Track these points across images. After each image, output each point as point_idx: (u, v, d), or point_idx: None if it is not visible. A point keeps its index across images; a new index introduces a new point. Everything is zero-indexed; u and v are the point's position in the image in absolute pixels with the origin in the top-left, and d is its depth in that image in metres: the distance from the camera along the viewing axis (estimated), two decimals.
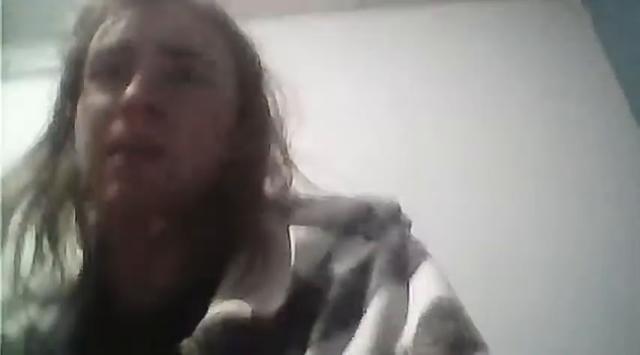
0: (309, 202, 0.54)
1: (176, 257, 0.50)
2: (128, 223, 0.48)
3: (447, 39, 1.65)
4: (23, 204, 0.51)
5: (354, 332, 0.42)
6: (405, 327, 0.43)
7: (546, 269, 1.30)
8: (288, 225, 0.50)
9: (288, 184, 0.56)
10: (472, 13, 1.67)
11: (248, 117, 0.54)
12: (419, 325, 0.42)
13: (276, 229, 0.50)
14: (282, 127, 0.57)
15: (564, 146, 1.46)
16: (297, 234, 0.49)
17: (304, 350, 0.42)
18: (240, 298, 0.43)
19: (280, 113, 0.57)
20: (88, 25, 0.53)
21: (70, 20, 0.54)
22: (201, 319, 0.42)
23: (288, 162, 0.57)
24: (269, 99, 0.57)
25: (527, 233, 1.35)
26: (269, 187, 0.54)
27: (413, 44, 1.66)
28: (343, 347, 0.42)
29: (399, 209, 0.53)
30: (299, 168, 0.57)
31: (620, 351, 1.18)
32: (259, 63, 0.57)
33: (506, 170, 1.44)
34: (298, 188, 0.56)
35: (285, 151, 0.57)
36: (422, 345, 0.41)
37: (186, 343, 0.41)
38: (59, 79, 0.54)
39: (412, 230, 0.53)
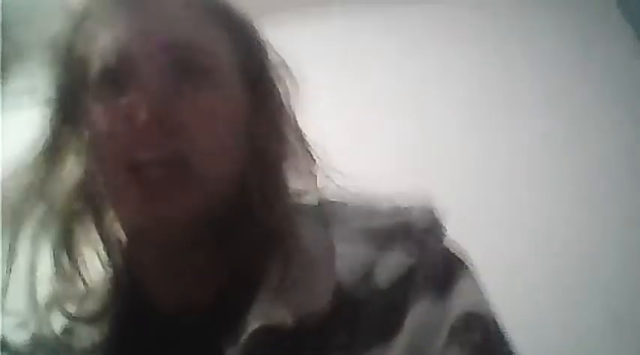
0: (345, 210, 0.53)
1: (211, 266, 0.49)
2: (159, 240, 0.48)
3: (462, 26, 1.63)
4: (34, 217, 0.50)
5: (392, 345, 0.43)
6: (438, 341, 0.43)
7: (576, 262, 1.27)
8: (330, 236, 0.50)
9: (311, 174, 0.54)
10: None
11: (259, 108, 0.52)
12: (447, 337, 0.43)
13: (314, 236, 0.49)
14: (294, 115, 0.55)
15: (586, 137, 1.42)
16: (338, 248, 0.49)
17: None
18: (282, 305, 0.44)
19: (291, 101, 0.55)
20: (81, 35, 0.50)
21: (58, 26, 0.52)
22: (240, 323, 0.43)
23: (306, 149, 0.55)
24: (278, 88, 0.55)
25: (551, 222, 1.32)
26: (293, 178, 0.53)
27: (425, 34, 1.64)
28: None
29: (436, 217, 0.51)
30: (319, 156, 0.55)
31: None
32: (264, 51, 0.55)
33: (526, 160, 1.41)
34: (323, 180, 0.54)
35: (301, 138, 0.55)
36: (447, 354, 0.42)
37: (230, 353, 0.42)
38: (55, 92, 0.51)
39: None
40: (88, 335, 0.49)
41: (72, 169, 0.51)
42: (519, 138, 1.45)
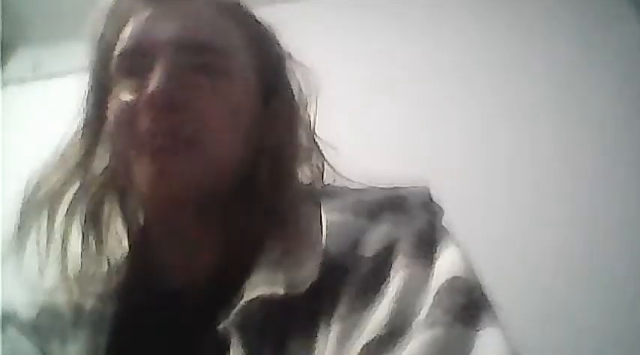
0: (342, 190, 0.56)
1: (215, 241, 0.52)
2: (167, 213, 0.52)
3: (464, 15, 1.59)
4: (67, 198, 0.54)
5: (376, 308, 0.44)
6: (422, 305, 0.44)
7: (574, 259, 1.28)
8: (321, 210, 0.52)
9: (320, 170, 0.58)
10: None
11: (272, 105, 0.56)
12: (432, 300, 0.43)
13: (309, 214, 0.52)
14: (306, 112, 0.59)
15: (588, 132, 1.41)
16: (329, 218, 0.50)
17: (330, 324, 0.44)
18: (274, 278, 0.46)
19: (303, 98, 0.59)
20: (112, 23, 0.54)
21: (96, 20, 0.56)
22: (237, 298, 0.45)
23: (316, 147, 0.59)
24: (292, 84, 0.59)
25: (554, 220, 1.31)
26: (302, 175, 0.57)
27: (426, 21, 1.61)
28: (365, 322, 0.43)
29: (430, 197, 0.53)
30: (326, 155, 0.59)
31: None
32: (279, 49, 0.59)
33: (528, 153, 1.40)
34: (327, 177, 0.58)
35: (312, 136, 0.59)
36: (431, 316, 0.42)
37: (223, 325, 0.45)
38: (89, 77, 0.56)
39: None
40: (99, 309, 0.52)
41: (103, 151, 0.54)
42: (522, 132, 1.43)
